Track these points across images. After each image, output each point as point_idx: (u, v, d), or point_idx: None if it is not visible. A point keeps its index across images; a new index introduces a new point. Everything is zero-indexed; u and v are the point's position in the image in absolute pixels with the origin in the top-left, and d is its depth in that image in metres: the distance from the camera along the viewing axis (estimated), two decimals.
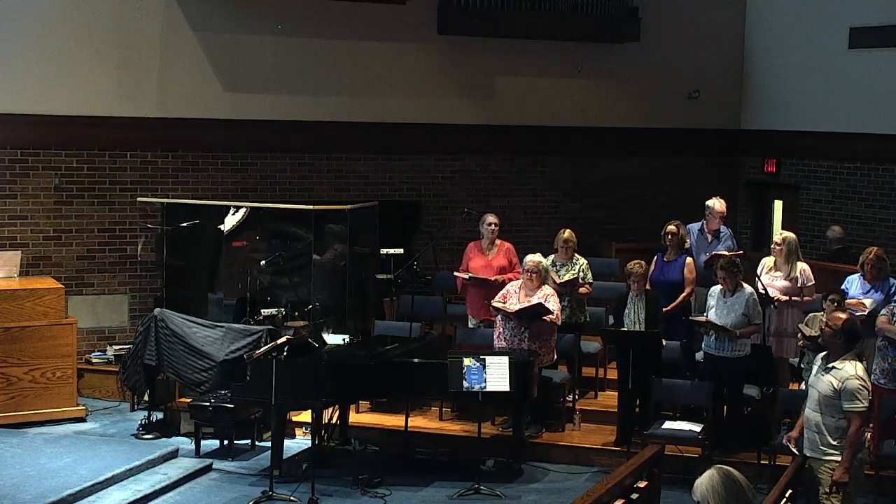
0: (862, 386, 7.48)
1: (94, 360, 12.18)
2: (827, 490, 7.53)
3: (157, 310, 11.13)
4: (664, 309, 10.50)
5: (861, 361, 7.66)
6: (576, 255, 11.22)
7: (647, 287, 10.54)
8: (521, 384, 9.67)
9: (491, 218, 11.52)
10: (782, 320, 10.34)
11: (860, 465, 7.69)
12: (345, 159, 13.47)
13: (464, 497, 9.42)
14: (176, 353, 10.79)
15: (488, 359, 9.49)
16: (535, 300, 10.25)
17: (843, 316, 7.80)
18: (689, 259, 11.01)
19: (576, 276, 11.02)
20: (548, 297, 10.32)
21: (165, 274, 12.11)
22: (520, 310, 10.28)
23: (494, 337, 10.49)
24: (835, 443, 7.55)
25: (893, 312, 9.32)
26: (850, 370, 7.50)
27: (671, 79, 14.66)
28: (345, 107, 13.26)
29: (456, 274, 11.56)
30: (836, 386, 7.51)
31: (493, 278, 11.18)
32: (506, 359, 9.52)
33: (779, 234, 10.86)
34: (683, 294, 10.82)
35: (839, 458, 7.49)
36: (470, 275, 11.33)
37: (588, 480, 9.74)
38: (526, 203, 14.27)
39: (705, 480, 4.81)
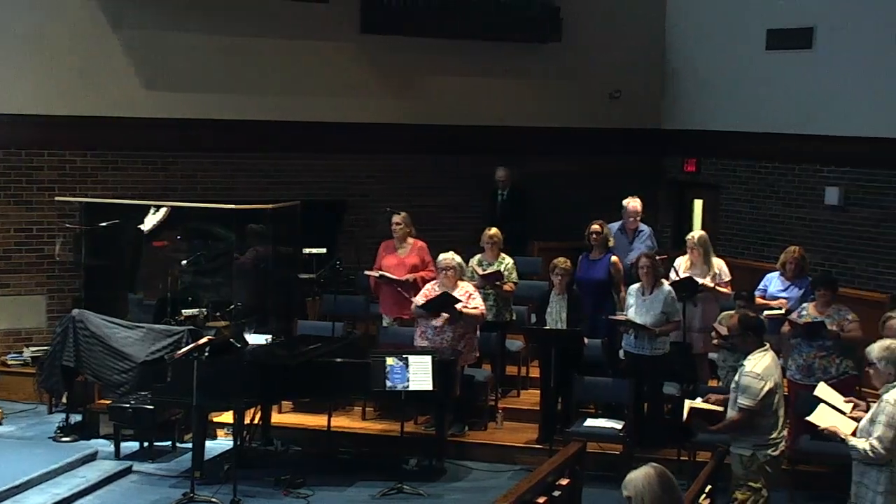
0: (755, 382, 7.55)
1: (10, 362, 11.97)
2: (735, 482, 7.71)
3: (75, 310, 10.98)
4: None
5: (770, 355, 7.74)
6: (502, 253, 11.27)
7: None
8: (444, 383, 9.67)
9: (395, 218, 11.49)
10: (707, 316, 10.48)
11: (775, 462, 7.82)
12: (269, 158, 13.36)
13: (387, 496, 9.42)
14: (95, 355, 10.65)
15: (411, 358, 9.49)
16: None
17: (736, 313, 7.95)
18: (613, 258, 11.07)
19: (499, 270, 11.06)
20: (469, 294, 10.35)
21: (84, 274, 11.96)
22: (426, 302, 10.29)
23: (416, 336, 10.49)
24: (741, 436, 7.70)
25: (801, 315, 9.56)
26: (748, 366, 7.65)
27: (593, 79, 14.75)
28: (268, 105, 13.15)
29: (367, 273, 11.54)
30: (737, 380, 7.71)
31: (404, 277, 11.19)
32: (429, 358, 9.52)
33: (691, 235, 11.01)
34: (622, 294, 10.84)
35: (748, 452, 7.63)
36: (381, 273, 11.30)
37: (511, 478, 9.77)
38: (450, 202, 14.25)
39: (640, 478, 4.75)
